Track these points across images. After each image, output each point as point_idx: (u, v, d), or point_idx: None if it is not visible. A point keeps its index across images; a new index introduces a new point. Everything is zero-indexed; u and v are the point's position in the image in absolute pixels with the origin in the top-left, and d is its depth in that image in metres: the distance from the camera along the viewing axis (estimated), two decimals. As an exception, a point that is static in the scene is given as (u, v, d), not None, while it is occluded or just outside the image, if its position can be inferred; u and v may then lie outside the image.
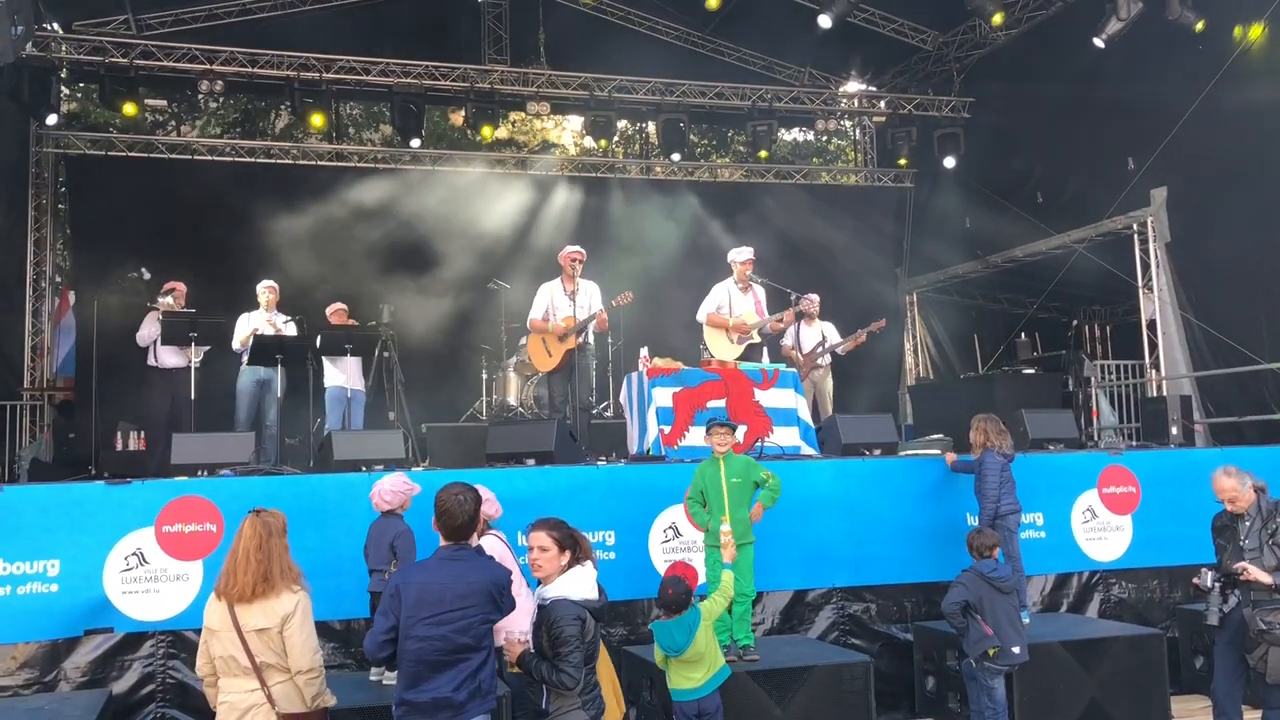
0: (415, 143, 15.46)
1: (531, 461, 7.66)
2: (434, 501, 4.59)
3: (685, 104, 16.13)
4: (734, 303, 9.97)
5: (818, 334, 11.34)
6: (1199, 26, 12.02)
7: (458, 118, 17.61)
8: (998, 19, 13.49)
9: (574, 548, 4.73)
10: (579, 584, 4.63)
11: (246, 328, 10.31)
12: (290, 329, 10.40)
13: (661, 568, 7.19)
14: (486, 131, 15.50)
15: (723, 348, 9.84)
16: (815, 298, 11.33)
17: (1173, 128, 12.51)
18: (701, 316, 10.11)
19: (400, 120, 15.17)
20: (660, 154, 17.37)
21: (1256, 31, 11.41)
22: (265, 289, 10.66)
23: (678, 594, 5.53)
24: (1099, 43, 12.53)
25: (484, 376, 12.72)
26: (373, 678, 6.13)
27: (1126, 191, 13.62)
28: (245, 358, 10.16)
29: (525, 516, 5.77)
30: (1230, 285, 12.42)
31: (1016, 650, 6.24)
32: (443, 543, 4.58)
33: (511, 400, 12.21)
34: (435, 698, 4.30)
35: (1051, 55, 14.16)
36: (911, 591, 7.89)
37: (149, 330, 10.26)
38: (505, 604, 4.46)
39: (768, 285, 10.20)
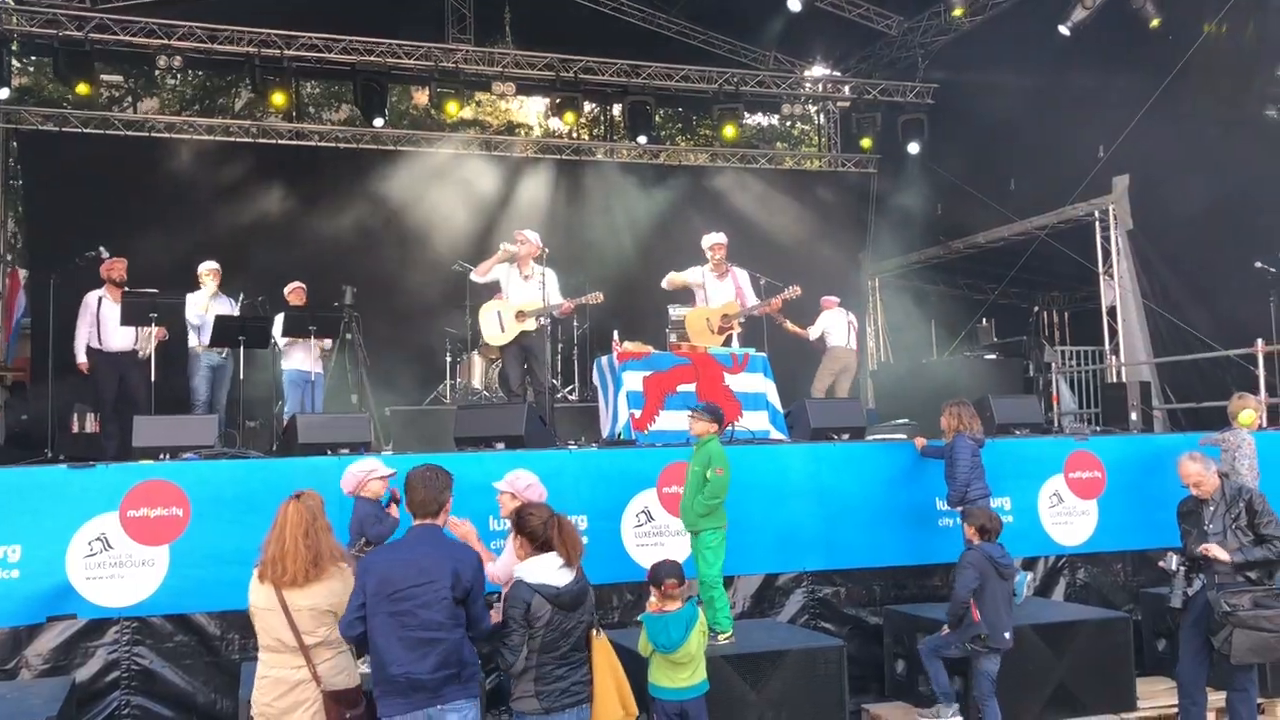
0: (378, 122, 15.26)
1: (501, 446, 7.60)
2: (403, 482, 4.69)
3: (651, 86, 16.07)
4: (709, 290, 9.90)
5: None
6: (1154, 24, 12.15)
7: (421, 97, 17.44)
8: (958, 11, 13.54)
9: (538, 535, 4.70)
10: (538, 568, 4.61)
11: (193, 309, 10.03)
12: (234, 312, 10.16)
13: (635, 552, 7.17)
14: (452, 108, 15.34)
15: (704, 337, 9.74)
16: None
17: (1135, 116, 12.64)
18: (678, 307, 10.06)
19: (363, 99, 14.98)
20: (626, 137, 17.30)
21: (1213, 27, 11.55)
22: (205, 270, 10.33)
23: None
24: (1064, 31, 12.63)
25: (448, 359, 12.61)
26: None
27: (1089, 179, 13.76)
28: (203, 339, 9.93)
29: (496, 502, 5.76)
30: (1189, 272, 12.61)
31: (1008, 635, 6.30)
32: (414, 522, 4.64)
33: (476, 383, 12.13)
34: (409, 676, 4.32)
35: (1016, 42, 14.24)
36: (880, 575, 7.93)
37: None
38: (467, 585, 4.43)
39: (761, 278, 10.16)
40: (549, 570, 4.60)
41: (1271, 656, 6.17)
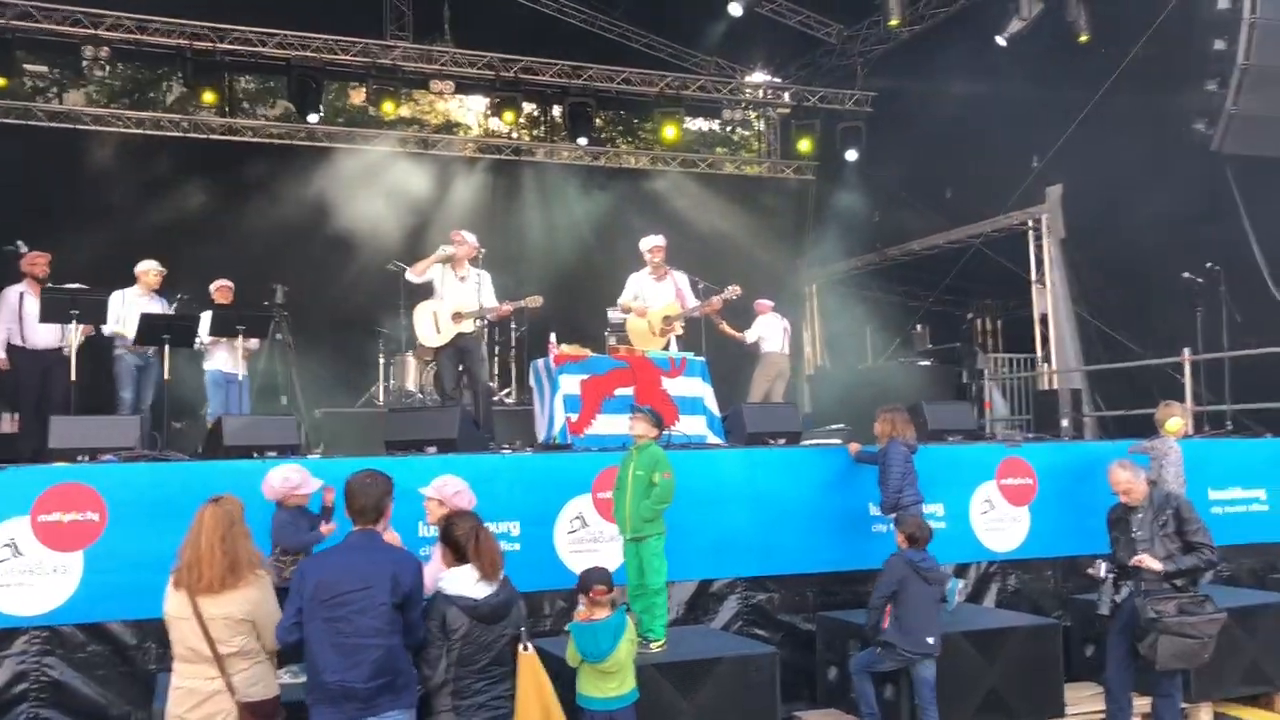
0: (313, 119, 14.98)
1: (433, 450, 7.46)
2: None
3: (592, 88, 15.98)
4: (647, 293, 9.83)
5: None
6: (1083, 39, 12.33)
7: (358, 95, 17.18)
8: (894, 22, 13.64)
9: (461, 546, 4.60)
10: (456, 580, 4.53)
11: (120, 308, 9.74)
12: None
13: (568, 559, 7.06)
14: (388, 106, 15.12)
15: (646, 341, 9.67)
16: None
17: (1069, 128, 12.83)
18: (618, 309, 9.98)
19: (298, 95, 14.69)
20: (567, 138, 17.21)
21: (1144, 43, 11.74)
22: (152, 271, 10.08)
23: None
24: (1001, 41, 12.78)
25: (381, 361, 12.41)
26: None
27: (1023, 188, 13.95)
28: (129, 337, 9.64)
29: (424, 508, 5.63)
30: (1120, 282, 12.84)
31: (931, 640, 6.30)
32: (354, 528, 4.55)
33: (410, 385, 11.95)
34: (343, 684, 4.22)
35: (953, 53, 14.37)
36: (814, 581, 7.91)
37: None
38: (406, 590, 4.33)
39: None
40: (467, 582, 4.50)
41: (1195, 662, 6.24)
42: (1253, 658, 7.47)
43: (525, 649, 4.70)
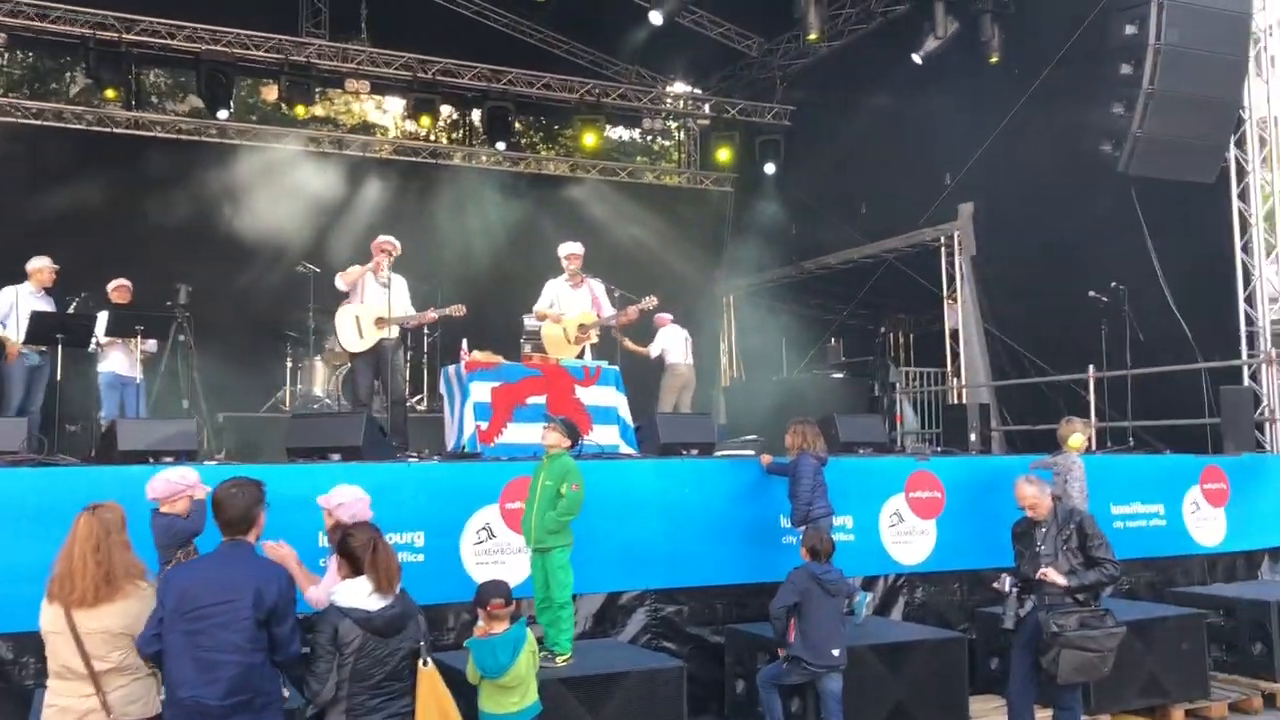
0: (223, 114, 14.57)
1: (336, 457, 7.25)
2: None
3: (512, 93, 15.85)
4: (563, 300, 9.72)
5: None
6: (993, 59, 12.57)
7: (271, 92, 16.81)
8: (813, 36, 13.75)
9: (358, 557, 4.45)
10: (350, 592, 4.38)
11: (10, 305, 9.33)
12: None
13: (474, 571, 6.90)
14: (300, 109, 14.79)
15: (561, 349, 9.55)
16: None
17: (981, 147, 13.06)
18: (533, 316, 9.85)
19: (207, 90, 14.30)
20: (485, 142, 17.03)
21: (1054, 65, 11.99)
22: (45, 268, 9.67)
23: None
24: (917, 59, 12.96)
25: (289, 365, 12.10)
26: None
27: (936, 205, 14.16)
28: (18, 336, 9.24)
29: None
30: (1029, 299, 13.08)
31: (836, 653, 6.28)
32: (224, 539, 4.37)
33: (318, 391, 11.68)
34: (197, 701, 4.04)
35: (872, 69, 14.56)
36: (724, 593, 7.85)
37: None
38: (270, 604, 4.16)
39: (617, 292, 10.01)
40: (361, 594, 4.34)
41: (1095, 675, 6.32)
42: (1150, 671, 7.61)
43: (425, 664, 4.54)
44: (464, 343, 9.15)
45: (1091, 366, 11.43)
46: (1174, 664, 7.74)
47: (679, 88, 18.45)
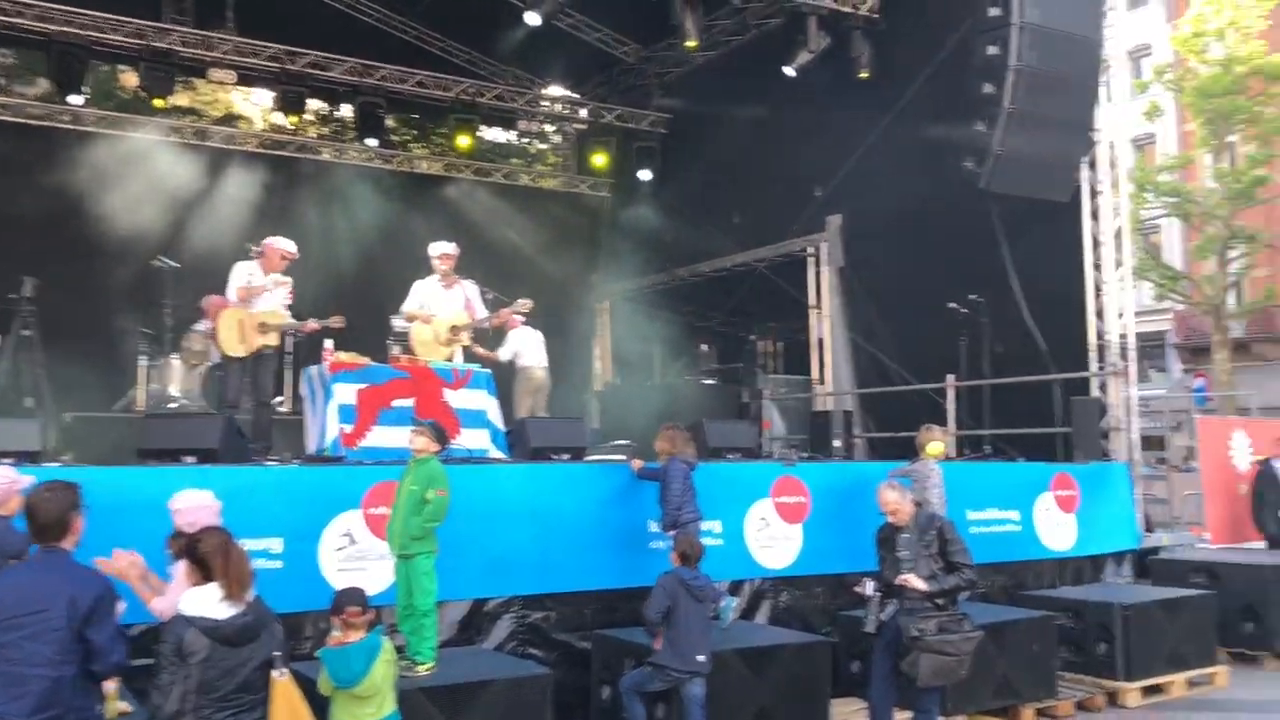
0: (76, 100, 13.87)
1: (191, 460, 6.95)
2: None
3: (384, 89, 15.51)
4: (435, 301, 9.51)
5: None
6: (863, 75, 12.87)
7: (130, 79, 16.10)
8: (691, 44, 13.86)
9: (208, 564, 4.26)
10: (197, 599, 4.21)
11: None
12: None
13: (334, 578, 6.69)
14: (158, 102, 14.19)
15: (432, 351, 9.33)
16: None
17: (850, 160, 13.34)
18: (401, 316, 9.62)
19: (59, 74, 13.59)
20: (356, 139, 16.63)
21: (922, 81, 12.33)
22: None
23: None
24: (790, 71, 13.16)
25: (143, 363, 11.57)
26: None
27: (806, 216, 14.42)
28: None
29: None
30: (893, 310, 13.41)
31: (701, 658, 6.30)
32: (39, 547, 4.14)
33: (174, 390, 11.21)
34: (2, 718, 3.80)
35: (747, 80, 14.73)
36: (593, 599, 7.81)
37: None
38: (85, 611, 3.94)
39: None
40: (209, 602, 4.15)
41: (953, 679, 6.47)
42: (1003, 672, 7.84)
43: (280, 675, 4.36)
44: (328, 343, 8.89)
45: (951, 376, 11.78)
46: (1025, 665, 8.00)
47: (555, 90, 18.37)
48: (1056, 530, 10.21)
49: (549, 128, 19.14)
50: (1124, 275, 11.85)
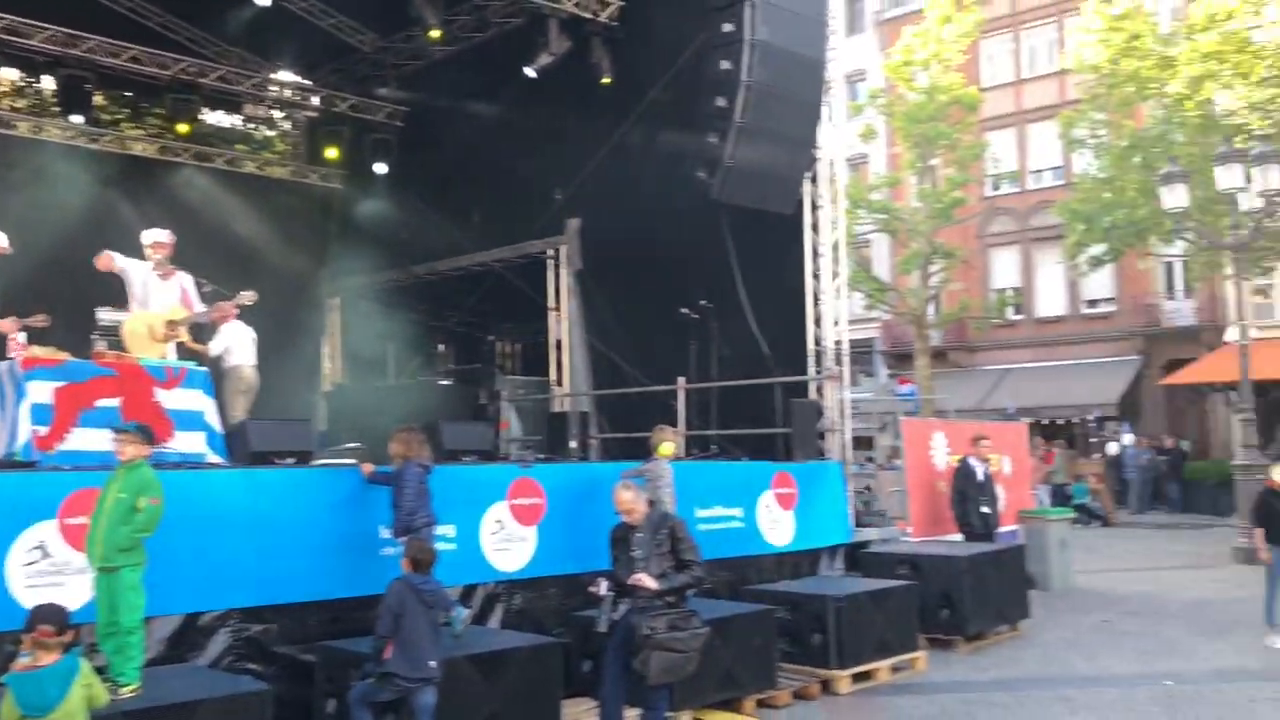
0: None
1: None
2: None
3: (92, 61, 14.32)
4: (151, 293, 8.84)
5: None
6: (605, 81, 13.07)
7: None
8: (435, 34, 13.60)
9: None
10: None
11: None
12: None
13: (24, 595, 6.06)
14: None
15: (145, 347, 8.62)
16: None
17: (589, 164, 13.49)
18: (109, 309, 8.87)
19: None
20: (59, 115, 15.25)
21: (658, 91, 12.64)
22: None
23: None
24: (530, 72, 13.15)
25: None
26: None
27: (546, 218, 14.47)
28: None
29: None
30: (628, 313, 13.67)
31: (432, 665, 6.15)
32: None
33: None
34: None
35: (488, 77, 14.62)
36: (318, 609, 7.49)
37: None
38: None
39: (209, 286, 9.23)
40: None
41: (682, 675, 6.62)
42: (727, 665, 8.08)
43: None
44: (20, 336, 8.08)
45: (681, 378, 12.13)
46: (748, 658, 8.29)
47: (285, 75, 17.53)
48: (776, 527, 10.70)
49: (278, 114, 18.23)
50: (840, 285, 12.54)
